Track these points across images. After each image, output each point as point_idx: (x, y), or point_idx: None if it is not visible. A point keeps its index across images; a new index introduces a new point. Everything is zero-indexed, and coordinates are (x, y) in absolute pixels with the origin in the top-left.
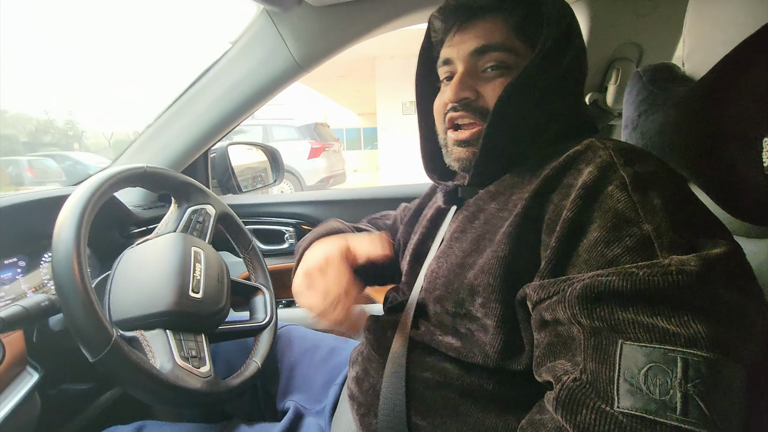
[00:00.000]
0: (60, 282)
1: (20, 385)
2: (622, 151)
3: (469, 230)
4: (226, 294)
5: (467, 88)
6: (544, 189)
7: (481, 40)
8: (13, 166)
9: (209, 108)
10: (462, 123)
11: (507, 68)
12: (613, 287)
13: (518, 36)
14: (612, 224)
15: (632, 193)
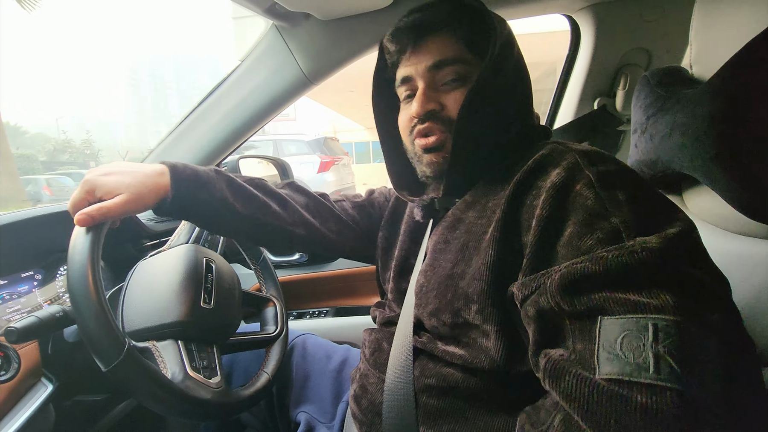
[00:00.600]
0: (74, 292)
1: (35, 397)
2: (585, 153)
3: (452, 240)
4: (237, 305)
5: (431, 100)
6: (518, 192)
7: (437, 56)
8: (32, 185)
9: (221, 121)
10: (430, 131)
11: (463, 79)
12: (587, 271)
13: (469, 49)
14: (583, 219)
15: (599, 190)
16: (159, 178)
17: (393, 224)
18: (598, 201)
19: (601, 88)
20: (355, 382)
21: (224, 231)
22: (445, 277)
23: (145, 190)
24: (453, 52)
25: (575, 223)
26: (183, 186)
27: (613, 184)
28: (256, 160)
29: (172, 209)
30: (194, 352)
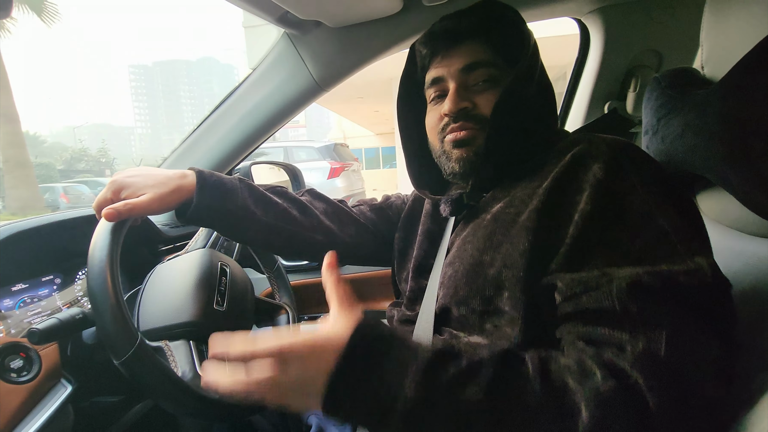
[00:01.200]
0: (92, 286)
1: (55, 397)
2: (623, 148)
3: (479, 229)
4: (249, 309)
5: (464, 98)
6: (558, 184)
7: (469, 59)
8: (50, 193)
9: (234, 128)
10: (461, 128)
11: (494, 81)
12: (653, 286)
13: (499, 54)
14: (630, 218)
15: (643, 188)
16: (181, 181)
17: (410, 225)
18: (642, 200)
19: (612, 91)
20: None
21: (244, 238)
22: (475, 265)
23: (167, 191)
24: (485, 56)
25: (621, 221)
26: (208, 192)
27: (655, 181)
28: (267, 166)
29: (195, 214)
30: (205, 352)
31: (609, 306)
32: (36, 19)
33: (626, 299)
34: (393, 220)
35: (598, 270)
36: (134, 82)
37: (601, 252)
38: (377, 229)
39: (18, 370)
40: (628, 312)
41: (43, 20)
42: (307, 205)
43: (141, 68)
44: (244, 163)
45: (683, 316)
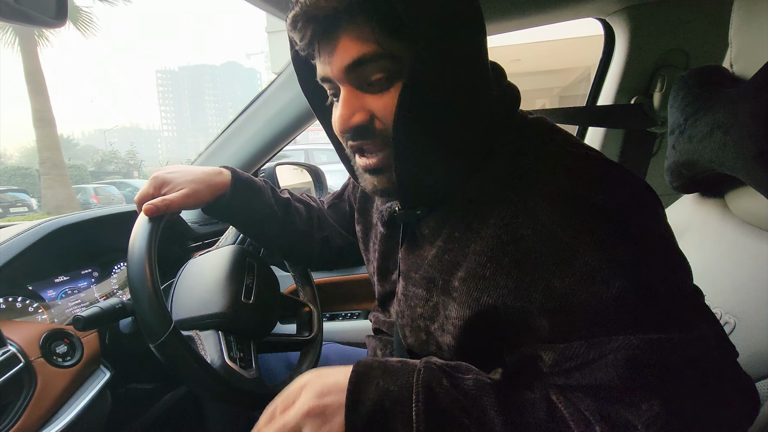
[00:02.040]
0: (132, 274)
1: (95, 382)
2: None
3: (420, 270)
4: (274, 305)
5: (356, 110)
6: (503, 229)
7: (352, 53)
8: (82, 194)
9: (260, 131)
10: (366, 148)
11: (393, 77)
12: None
13: (393, 37)
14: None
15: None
16: (217, 177)
17: (365, 215)
18: (627, 251)
19: (637, 91)
20: None
21: (264, 236)
22: (417, 317)
23: (203, 187)
24: (371, 46)
25: (596, 280)
26: (240, 189)
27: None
28: (291, 167)
29: (227, 209)
30: (233, 343)
31: (605, 381)
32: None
33: (627, 374)
34: (348, 214)
35: (584, 341)
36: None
37: (582, 318)
38: (341, 227)
39: (63, 355)
40: (632, 385)
41: (79, 29)
42: (311, 206)
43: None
44: (269, 164)
45: (688, 387)
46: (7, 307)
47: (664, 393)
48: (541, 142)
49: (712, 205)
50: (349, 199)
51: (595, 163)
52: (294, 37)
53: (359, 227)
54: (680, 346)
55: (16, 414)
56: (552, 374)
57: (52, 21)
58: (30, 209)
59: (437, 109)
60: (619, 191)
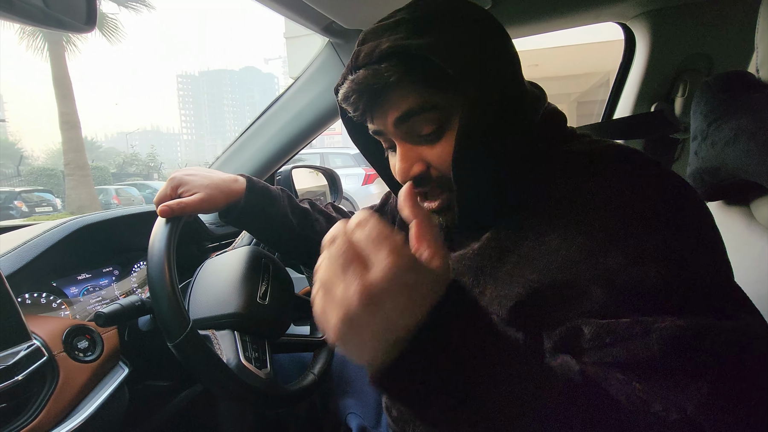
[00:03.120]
0: (152, 274)
1: (114, 377)
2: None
3: (465, 258)
4: (289, 306)
5: (413, 162)
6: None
7: (401, 108)
8: (103, 195)
9: (278, 133)
10: (428, 192)
11: (442, 126)
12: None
13: (434, 89)
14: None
15: (676, 231)
16: (233, 185)
17: (404, 225)
18: (674, 241)
19: (658, 96)
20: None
21: (278, 243)
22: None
23: (218, 193)
24: (416, 101)
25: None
26: (254, 197)
27: (685, 219)
28: (307, 170)
29: (240, 216)
30: (248, 343)
31: (645, 357)
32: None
33: (673, 351)
34: (390, 225)
35: (629, 318)
36: (182, 91)
37: (630, 297)
38: None
39: (84, 350)
40: (670, 366)
41: (104, 35)
42: (333, 217)
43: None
44: (285, 167)
45: (737, 374)
46: (32, 303)
47: (713, 377)
48: (589, 144)
49: (737, 213)
50: (393, 212)
51: (646, 161)
52: (346, 107)
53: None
54: (730, 332)
55: (39, 406)
56: (590, 349)
57: (82, 26)
58: (54, 209)
59: (491, 149)
60: (671, 184)
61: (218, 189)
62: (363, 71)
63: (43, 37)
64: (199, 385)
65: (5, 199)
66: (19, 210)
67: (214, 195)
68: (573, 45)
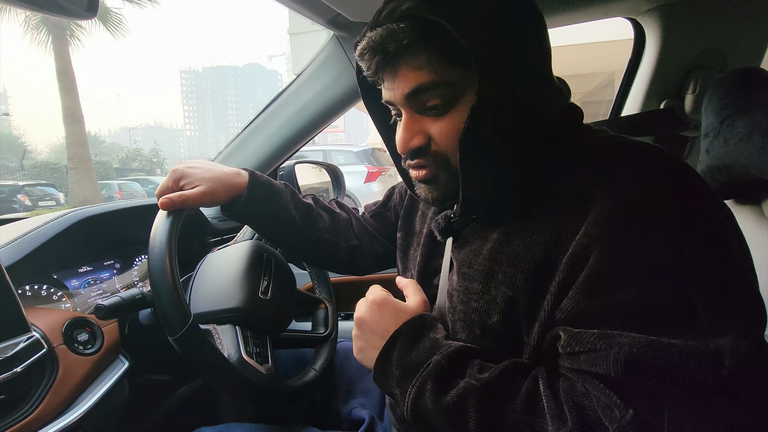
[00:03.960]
0: (152, 267)
1: (114, 370)
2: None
3: (476, 265)
4: (292, 301)
5: (415, 134)
6: (558, 231)
7: (411, 83)
8: (106, 189)
9: (282, 127)
10: (420, 166)
11: (448, 103)
12: (656, 364)
13: (449, 64)
14: (644, 274)
15: (666, 234)
16: (235, 178)
17: (408, 223)
18: (666, 250)
19: (668, 93)
20: None
21: (280, 238)
22: (472, 311)
23: (220, 186)
24: (428, 76)
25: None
26: (256, 191)
27: (685, 225)
28: (310, 165)
29: (242, 210)
30: (249, 338)
31: (604, 372)
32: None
33: (623, 370)
34: (393, 222)
35: (598, 330)
36: (185, 87)
37: (605, 311)
38: (382, 236)
39: (84, 342)
40: (624, 382)
41: (108, 29)
42: (336, 213)
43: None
44: (288, 162)
45: (685, 405)
46: (33, 295)
47: (652, 402)
48: (602, 141)
49: (748, 212)
50: (396, 208)
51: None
52: (361, 64)
53: (400, 234)
54: (690, 355)
55: (38, 398)
56: (564, 355)
57: (83, 13)
58: (57, 203)
59: (500, 132)
60: (686, 185)
61: (220, 182)
62: (380, 29)
63: (46, 30)
64: (199, 379)
65: (9, 192)
66: (23, 204)
67: (216, 188)
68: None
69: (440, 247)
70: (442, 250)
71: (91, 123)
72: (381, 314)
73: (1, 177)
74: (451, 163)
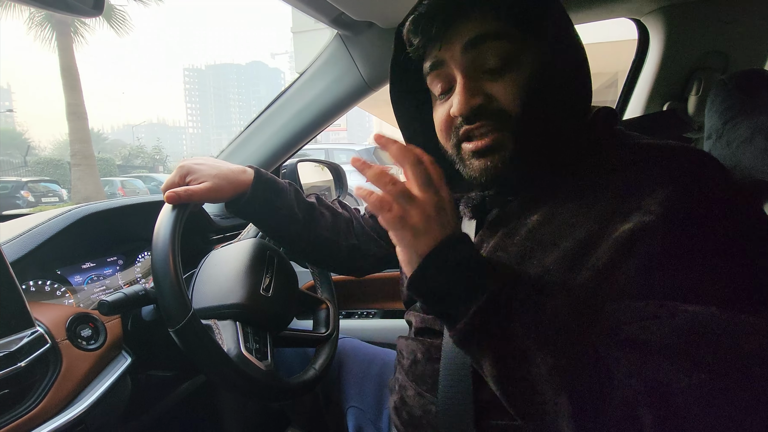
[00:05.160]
0: (156, 259)
1: (116, 366)
2: (699, 166)
3: (510, 246)
4: (293, 299)
5: (476, 93)
6: (614, 209)
7: (473, 31)
8: (109, 186)
9: (285, 125)
10: (478, 133)
11: (511, 60)
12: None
13: (511, 25)
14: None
15: (722, 224)
16: (240, 175)
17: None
18: (728, 232)
19: (671, 94)
20: (394, 392)
21: (282, 236)
22: None
23: (226, 183)
24: (493, 27)
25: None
26: (261, 189)
27: (744, 212)
28: (312, 164)
29: (246, 207)
30: (249, 334)
31: (662, 339)
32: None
33: (685, 337)
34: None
35: (660, 301)
36: (188, 85)
37: (665, 286)
38: (380, 237)
39: (87, 338)
40: (685, 351)
41: (112, 26)
42: (339, 213)
43: (195, 71)
44: (291, 161)
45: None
46: (37, 290)
47: (716, 368)
48: (650, 139)
49: None
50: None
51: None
52: (413, 38)
53: None
54: (752, 332)
55: (42, 393)
56: (619, 327)
57: (90, 11)
58: (60, 199)
59: (557, 97)
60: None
61: (226, 179)
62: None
63: (51, 27)
64: (200, 377)
65: (12, 188)
66: (25, 200)
67: (221, 185)
68: None
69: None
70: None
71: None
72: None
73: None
74: (513, 121)
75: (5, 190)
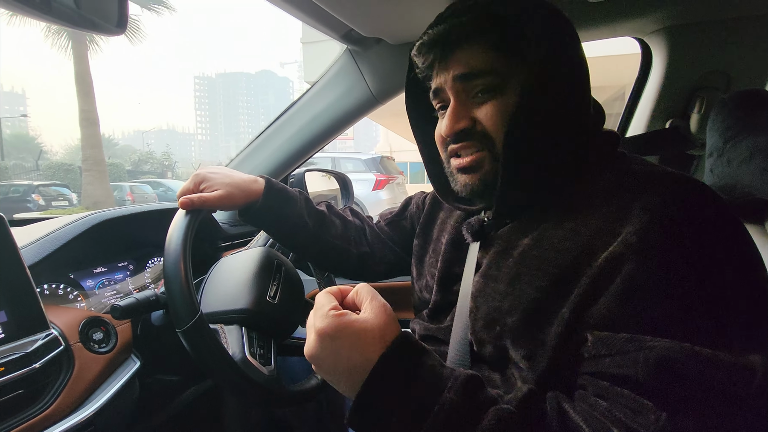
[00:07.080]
0: (167, 261)
1: (126, 369)
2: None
3: (503, 267)
4: (299, 306)
5: (462, 117)
6: (597, 237)
7: (463, 68)
8: (118, 191)
9: (294, 136)
10: (462, 151)
11: (495, 90)
12: (689, 370)
13: (501, 56)
14: (682, 290)
15: (697, 261)
16: (252, 185)
17: (427, 231)
18: (701, 267)
19: (674, 112)
20: None
21: (292, 243)
22: (494, 310)
23: (238, 192)
24: (481, 63)
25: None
26: (272, 197)
27: (722, 246)
28: (319, 173)
29: (258, 215)
30: (254, 339)
31: (632, 374)
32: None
33: (653, 373)
34: (408, 231)
35: (627, 333)
36: (198, 92)
37: (636, 319)
38: (395, 244)
39: (99, 341)
40: (654, 386)
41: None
42: (349, 221)
43: (205, 79)
44: (298, 170)
45: (714, 414)
46: (51, 293)
47: (682, 407)
48: (643, 165)
49: (752, 233)
50: (412, 218)
51: (682, 182)
52: (417, 61)
53: (417, 241)
54: (722, 367)
55: (55, 394)
56: (588, 359)
57: (113, 29)
58: (70, 203)
59: (541, 122)
60: (722, 214)
61: (238, 188)
62: (443, 26)
63: (67, 35)
64: (207, 382)
65: (24, 192)
66: (36, 203)
67: (234, 193)
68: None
69: (461, 255)
70: (463, 258)
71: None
72: (335, 347)
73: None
74: (495, 145)
75: (17, 193)
